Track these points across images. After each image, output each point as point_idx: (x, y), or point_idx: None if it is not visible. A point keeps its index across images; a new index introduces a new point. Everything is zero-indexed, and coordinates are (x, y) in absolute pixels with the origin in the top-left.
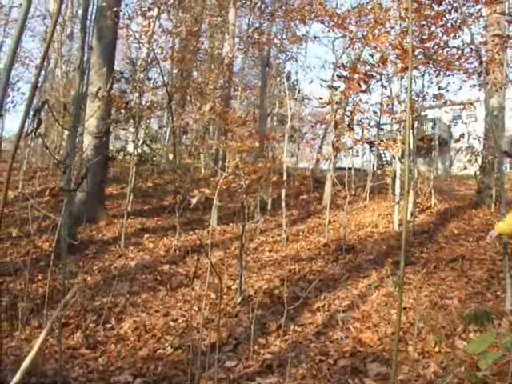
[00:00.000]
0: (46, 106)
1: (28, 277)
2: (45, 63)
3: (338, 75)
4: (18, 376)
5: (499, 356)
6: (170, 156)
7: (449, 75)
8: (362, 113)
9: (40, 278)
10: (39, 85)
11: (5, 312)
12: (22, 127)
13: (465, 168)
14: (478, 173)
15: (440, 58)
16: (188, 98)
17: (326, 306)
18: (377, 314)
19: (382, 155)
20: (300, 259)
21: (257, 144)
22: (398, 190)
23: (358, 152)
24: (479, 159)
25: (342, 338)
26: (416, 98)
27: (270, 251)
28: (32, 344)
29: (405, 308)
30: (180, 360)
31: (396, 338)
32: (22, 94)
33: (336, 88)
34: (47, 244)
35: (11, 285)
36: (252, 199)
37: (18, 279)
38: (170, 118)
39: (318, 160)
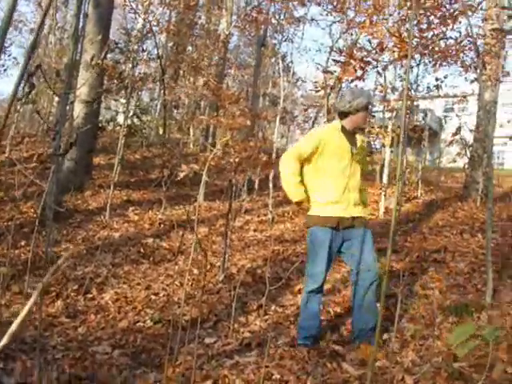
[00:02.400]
0: (38, 71)
1: (11, 242)
2: (41, 29)
3: (333, 59)
4: (4, 340)
5: (476, 345)
6: (160, 129)
7: (445, 66)
8: None
9: (23, 244)
10: (28, 50)
11: None
12: (15, 92)
13: (454, 160)
14: (466, 166)
15: (437, 49)
16: (181, 72)
17: None
18: None
19: (372, 143)
20: (284, 240)
21: (248, 122)
22: (385, 178)
23: None
24: (468, 152)
25: (321, 321)
26: (410, 88)
27: (255, 231)
28: (12, 310)
29: (386, 296)
30: (160, 334)
31: (379, 324)
32: (14, 58)
33: (331, 72)
34: (32, 210)
35: None
36: (240, 178)
37: (0, 244)
38: (162, 91)
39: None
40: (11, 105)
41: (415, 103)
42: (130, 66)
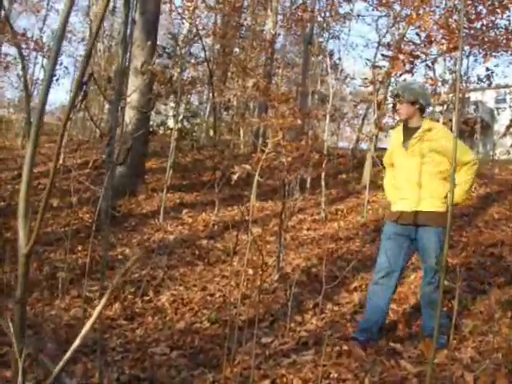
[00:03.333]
0: (91, 79)
1: (68, 247)
2: (95, 40)
3: (382, 54)
4: (77, 342)
5: None
6: (210, 132)
7: (495, 56)
8: None
9: (80, 248)
10: (83, 59)
11: (45, 281)
12: (73, 101)
13: (508, 152)
14: None
15: (487, 39)
16: (229, 74)
17: (364, 286)
18: (414, 297)
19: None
20: (338, 238)
21: (298, 122)
22: None
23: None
24: None
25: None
26: (461, 80)
27: (309, 229)
28: (71, 313)
29: (444, 292)
30: (216, 334)
31: (437, 321)
32: (65, 67)
33: (380, 67)
34: (88, 216)
35: (52, 255)
36: (292, 177)
37: (58, 249)
38: (211, 93)
39: (358, 140)
40: (69, 113)
41: (466, 95)
42: (179, 70)
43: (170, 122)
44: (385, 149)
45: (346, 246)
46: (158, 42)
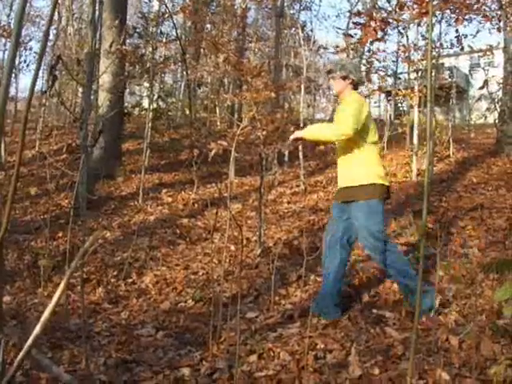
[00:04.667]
0: (60, 63)
1: (48, 234)
2: (54, 17)
3: (353, 22)
4: (37, 328)
5: None
6: (186, 110)
7: (467, 20)
8: (378, 61)
9: (60, 235)
10: (51, 43)
11: (27, 270)
12: (33, 84)
13: (484, 117)
14: (497, 121)
15: (458, 2)
16: (202, 51)
17: None
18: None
19: (399, 105)
20: (319, 210)
21: (273, 95)
22: (415, 140)
23: (375, 102)
24: (498, 107)
25: (361, 287)
26: (433, 46)
27: (289, 203)
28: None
29: (425, 257)
30: (201, 312)
31: (419, 285)
32: (35, 53)
33: (352, 36)
34: (66, 201)
35: (32, 243)
36: (270, 151)
37: (38, 237)
38: (185, 71)
39: (334, 110)
40: (31, 97)
41: (440, 61)
42: (150, 49)
43: (145, 103)
44: None
45: (327, 216)
46: (128, 22)
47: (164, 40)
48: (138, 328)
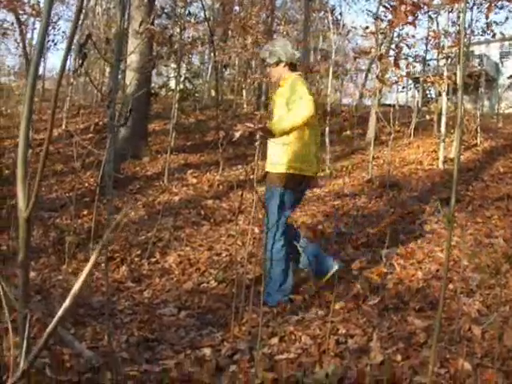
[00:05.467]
0: (89, 42)
1: (74, 212)
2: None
3: (384, 5)
4: (67, 302)
5: None
6: (213, 92)
7: (498, 7)
8: (408, 47)
9: (85, 213)
10: (79, 22)
11: (52, 247)
12: (64, 64)
13: None
14: None
15: None
16: (230, 33)
17: (370, 242)
18: (421, 251)
19: (428, 92)
20: (344, 195)
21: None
22: (443, 127)
23: (403, 88)
24: None
25: (385, 274)
26: (464, 32)
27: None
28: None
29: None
30: (224, 294)
31: (445, 271)
32: (63, 32)
33: (381, 19)
34: (92, 180)
35: (58, 220)
36: None
37: (64, 214)
38: (212, 53)
39: (361, 95)
40: (62, 76)
41: (470, 49)
42: (178, 30)
43: (172, 84)
44: (389, 105)
45: (352, 202)
46: (156, 3)
47: (192, 21)
48: (160, 307)
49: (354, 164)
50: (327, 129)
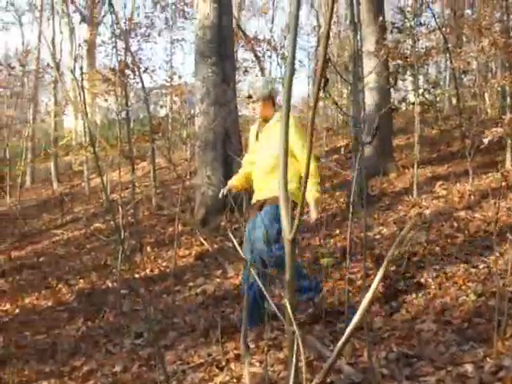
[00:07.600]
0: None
1: (325, 232)
2: (330, 23)
3: None
4: (356, 317)
5: None
6: (453, 100)
7: None
8: None
9: (337, 232)
10: (323, 42)
11: (308, 267)
12: (318, 89)
13: None
14: None
15: None
16: (464, 37)
17: None
18: None
19: None
20: None
21: None
22: None
23: None
24: None
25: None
26: None
27: None
28: (335, 296)
29: None
30: (483, 307)
31: None
32: (299, 61)
33: None
34: (342, 200)
35: (311, 241)
36: None
37: (316, 235)
38: (448, 60)
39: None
40: (316, 102)
41: None
42: (411, 42)
43: (411, 97)
44: None
45: None
46: (386, 19)
47: (424, 31)
48: (417, 322)
49: None
50: None
